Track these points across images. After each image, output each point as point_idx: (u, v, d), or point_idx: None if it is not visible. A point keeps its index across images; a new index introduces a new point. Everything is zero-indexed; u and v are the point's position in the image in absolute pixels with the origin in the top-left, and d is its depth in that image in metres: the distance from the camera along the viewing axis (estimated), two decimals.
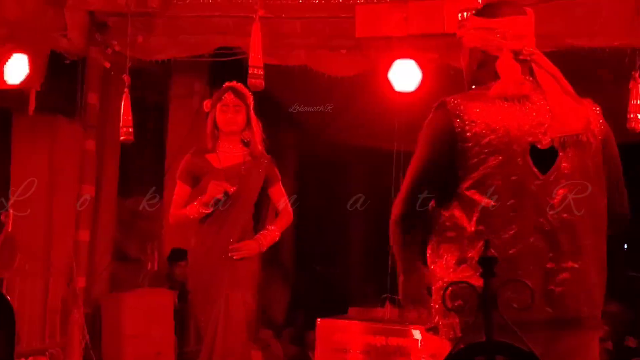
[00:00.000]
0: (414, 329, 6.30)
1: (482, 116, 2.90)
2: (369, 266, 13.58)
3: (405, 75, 7.28)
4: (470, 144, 2.87)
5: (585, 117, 2.93)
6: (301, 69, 7.70)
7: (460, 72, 7.39)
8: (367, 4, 7.33)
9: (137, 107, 7.90)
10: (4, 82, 6.89)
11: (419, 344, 6.23)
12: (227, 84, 5.48)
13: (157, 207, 9.28)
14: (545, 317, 2.84)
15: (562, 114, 2.90)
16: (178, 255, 8.33)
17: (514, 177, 2.86)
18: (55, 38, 7.33)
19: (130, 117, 6.89)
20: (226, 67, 7.45)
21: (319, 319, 6.63)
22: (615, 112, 4.61)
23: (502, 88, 2.94)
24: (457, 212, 2.90)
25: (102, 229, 8.30)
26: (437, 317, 2.99)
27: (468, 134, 2.87)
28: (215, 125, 5.38)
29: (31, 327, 7.14)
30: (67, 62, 7.55)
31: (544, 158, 2.91)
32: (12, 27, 6.92)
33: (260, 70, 5.02)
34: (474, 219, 2.86)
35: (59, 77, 7.91)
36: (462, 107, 2.91)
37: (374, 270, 12.72)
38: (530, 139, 2.91)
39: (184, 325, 8.16)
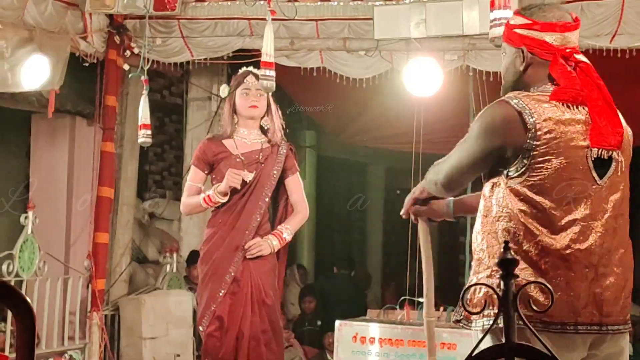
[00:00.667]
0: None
1: (551, 118, 2.91)
2: (388, 268, 13.55)
3: (424, 77, 7.23)
4: (539, 143, 2.88)
5: (621, 134, 2.96)
6: (319, 71, 7.68)
7: (480, 74, 7.31)
8: (385, 5, 7.28)
9: (155, 109, 7.95)
10: (24, 84, 6.91)
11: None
12: (245, 69, 5.38)
13: (175, 210, 9.30)
14: (592, 320, 2.90)
15: (601, 126, 2.92)
16: (197, 257, 8.28)
17: (574, 181, 2.89)
18: (74, 41, 7.35)
19: (148, 119, 6.85)
20: None
21: (338, 321, 6.61)
22: (636, 115, 4.61)
23: (563, 93, 2.94)
24: (514, 209, 2.91)
25: (121, 231, 8.30)
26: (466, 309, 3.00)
27: (539, 132, 2.88)
28: (234, 110, 5.24)
29: (50, 328, 7.16)
30: (86, 64, 7.56)
31: (602, 163, 2.96)
32: (32, 30, 6.95)
33: (271, 72, 4.96)
34: (531, 218, 2.88)
35: (78, 79, 7.94)
36: (529, 106, 2.91)
37: (393, 272, 12.69)
38: (588, 144, 2.92)
39: None
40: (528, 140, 2.88)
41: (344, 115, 9.84)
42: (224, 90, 5.33)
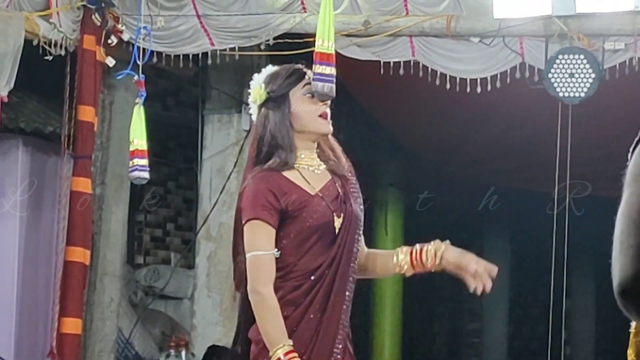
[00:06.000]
0: None
1: None
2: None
3: (573, 76, 7.29)
4: None
5: None
6: (408, 68, 7.73)
7: None
8: None
9: (156, 127, 7.92)
10: None
11: None
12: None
13: (184, 282, 9.33)
14: None
15: None
16: (218, 355, 8.30)
17: None
18: (31, 21, 7.36)
19: (145, 143, 6.87)
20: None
21: None
22: None
23: None
24: None
25: (101, 316, 8.34)
26: None
27: None
28: (291, 124, 4.94)
29: None
30: (49, 57, 7.56)
31: None
32: None
33: (330, 69, 4.84)
34: None
35: (36, 80, 7.95)
36: None
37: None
38: None
39: None
40: None
41: (447, 135, 9.90)
42: (258, 91, 4.95)
